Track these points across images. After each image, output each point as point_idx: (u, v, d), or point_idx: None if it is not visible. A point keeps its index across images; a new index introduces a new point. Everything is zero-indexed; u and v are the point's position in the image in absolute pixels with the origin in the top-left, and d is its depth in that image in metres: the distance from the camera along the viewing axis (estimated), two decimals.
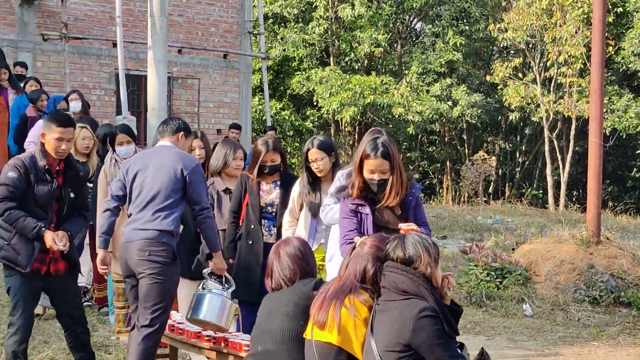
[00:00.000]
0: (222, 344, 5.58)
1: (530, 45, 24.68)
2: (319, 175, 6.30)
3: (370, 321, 4.07)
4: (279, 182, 6.73)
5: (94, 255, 8.36)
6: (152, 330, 5.78)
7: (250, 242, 6.60)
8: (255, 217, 6.62)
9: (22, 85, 11.87)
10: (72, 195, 5.98)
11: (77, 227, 6.07)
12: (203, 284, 6.19)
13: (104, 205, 6.18)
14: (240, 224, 6.71)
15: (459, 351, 4.04)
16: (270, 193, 6.70)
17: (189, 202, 6.01)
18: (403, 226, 4.87)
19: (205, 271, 6.38)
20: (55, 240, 5.76)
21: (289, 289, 4.61)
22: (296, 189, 6.42)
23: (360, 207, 5.11)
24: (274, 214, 6.69)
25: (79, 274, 6.46)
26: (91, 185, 7.92)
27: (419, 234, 4.24)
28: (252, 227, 6.61)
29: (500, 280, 10.01)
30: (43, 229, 5.77)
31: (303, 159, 6.42)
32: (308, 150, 6.32)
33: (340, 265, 4.45)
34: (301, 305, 4.44)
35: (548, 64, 23.51)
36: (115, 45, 15.11)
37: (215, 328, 5.77)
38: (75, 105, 10.67)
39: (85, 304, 8.57)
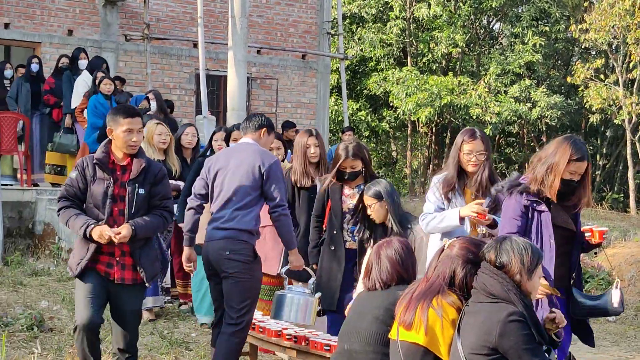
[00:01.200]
0: (303, 343, 5.60)
1: (613, 47, 24.16)
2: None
3: (458, 322, 4.03)
4: (362, 186, 6.41)
5: (175, 252, 8.48)
6: (239, 328, 5.89)
7: (333, 248, 6.47)
8: (337, 222, 6.48)
9: (96, 84, 12.05)
10: (141, 192, 5.52)
11: (145, 225, 5.49)
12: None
13: (188, 204, 6.27)
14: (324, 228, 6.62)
15: (547, 356, 3.98)
16: (353, 198, 6.49)
17: (265, 198, 6.05)
18: (595, 228, 5.05)
19: (283, 270, 6.42)
20: (103, 232, 5.34)
21: (383, 292, 4.59)
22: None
23: (536, 205, 4.97)
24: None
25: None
26: (174, 182, 8.04)
27: (522, 239, 4.13)
28: (335, 232, 6.48)
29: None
30: (92, 226, 5.38)
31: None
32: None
33: (428, 266, 4.41)
34: (392, 310, 4.41)
35: (631, 65, 22.97)
36: (195, 45, 15.32)
37: (301, 326, 5.84)
38: (152, 105, 10.88)
39: (166, 303, 8.70)
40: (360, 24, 26.33)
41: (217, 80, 16.96)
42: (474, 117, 24.12)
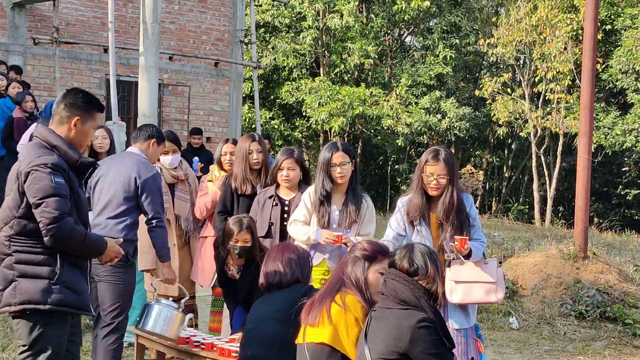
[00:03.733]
0: (212, 349, 5.61)
1: (520, 61, 24.79)
2: (339, 181, 6.01)
3: (365, 328, 4.09)
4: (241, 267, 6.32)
5: None
6: (111, 329, 6.00)
7: None
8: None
9: (4, 87, 11.84)
10: None
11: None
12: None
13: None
14: None
15: None
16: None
17: (141, 210, 6.07)
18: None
19: (153, 281, 6.43)
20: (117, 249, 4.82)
21: (279, 294, 4.65)
22: (307, 197, 6.11)
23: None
24: None
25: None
26: None
27: (428, 246, 4.27)
28: None
29: None
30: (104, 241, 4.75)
31: (323, 165, 6.01)
32: (332, 154, 6.00)
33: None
34: (291, 310, 4.48)
35: (536, 79, 23.61)
36: (106, 50, 15.09)
37: (163, 338, 5.81)
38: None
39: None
40: (274, 33, 26.38)
41: (127, 86, 16.75)
42: (386, 128, 24.41)
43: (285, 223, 6.36)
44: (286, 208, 6.47)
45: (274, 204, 6.49)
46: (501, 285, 5.49)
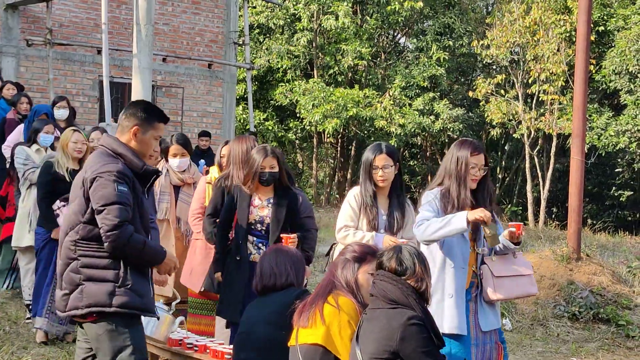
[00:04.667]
0: (205, 351, 5.60)
1: (513, 62, 24.83)
2: (381, 185, 5.81)
3: (357, 330, 4.09)
4: (272, 200, 6.31)
5: None
6: None
7: (238, 258, 6.26)
8: (242, 232, 6.27)
9: None
10: None
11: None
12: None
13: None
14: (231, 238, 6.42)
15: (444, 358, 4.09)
16: (262, 210, 6.31)
17: None
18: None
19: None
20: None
21: (273, 296, 4.65)
22: (352, 200, 5.86)
23: None
24: (263, 231, 6.32)
25: None
26: None
27: (416, 248, 4.28)
28: (240, 242, 6.28)
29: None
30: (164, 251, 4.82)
31: (366, 166, 5.83)
32: (375, 156, 5.79)
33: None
34: (284, 313, 4.47)
35: (530, 81, 23.65)
36: (99, 52, 15.08)
37: (152, 340, 5.78)
38: (62, 113, 10.18)
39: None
40: (268, 34, 26.39)
41: (121, 88, 16.73)
42: (379, 129, 24.43)
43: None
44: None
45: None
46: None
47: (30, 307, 8.01)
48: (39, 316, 7.57)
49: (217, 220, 6.61)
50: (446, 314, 5.07)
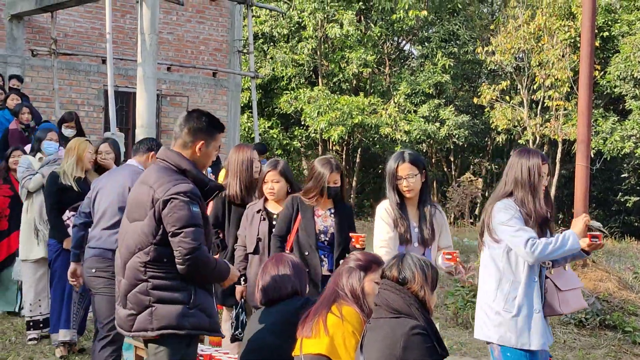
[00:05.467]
0: None
1: (518, 69, 24.83)
2: (407, 195, 5.53)
3: (361, 340, 4.08)
4: (333, 210, 6.19)
5: None
6: (107, 341, 6.02)
7: (307, 270, 5.86)
8: (310, 242, 6.07)
9: (2, 100, 11.84)
10: None
11: None
12: None
13: (73, 221, 6.40)
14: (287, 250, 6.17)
15: None
16: (325, 220, 6.17)
17: None
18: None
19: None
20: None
21: (277, 306, 4.63)
22: (384, 214, 5.57)
23: None
24: (326, 242, 6.14)
25: None
26: None
27: (421, 256, 4.23)
28: (307, 253, 6.06)
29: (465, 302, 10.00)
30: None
31: (390, 176, 5.58)
32: (398, 165, 5.53)
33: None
34: (288, 322, 4.46)
35: (535, 87, 23.64)
36: (104, 61, 15.11)
37: None
38: (69, 133, 9.88)
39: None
40: (272, 43, 26.43)
41: (126, 97, 16.77)
42: (384, 136, 24.43)
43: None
44: (274, 222, 6.32)
45: (262, 218, 6.35)
46: None
47: (32, 323, 7.98)
48: (63, 329, 7.50)
49: (218, 230, 6.65)
50: (534, 329, 4.94)
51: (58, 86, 15.56)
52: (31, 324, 7.98)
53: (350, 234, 5.88)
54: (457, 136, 24.96)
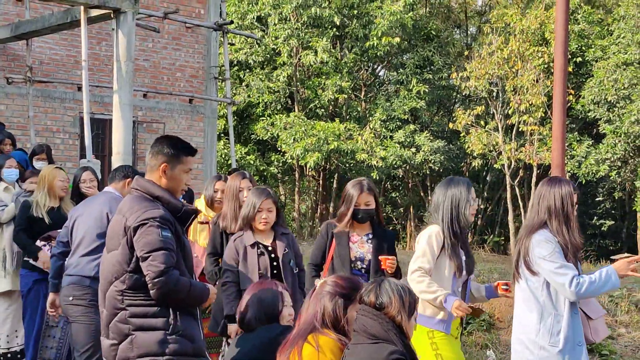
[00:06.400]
0: None
1: (492, 94, 25.03)
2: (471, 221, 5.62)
3: None
4: (370, 236, 6.10)
5: None
6: None
7: None
8: (345, 269, 5.92)
9: None
10: None
11: None
12: None
13: (52, 251, 6.42)
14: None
15: None
16: (361, 246, 6.08)
17: None
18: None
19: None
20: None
21: (255, 333, 4.60)
22: (434, 240, 5.47)
23: None
24: (363, 270, 6.03)
25: None
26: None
27: (399, 281, 4.20)
28: None
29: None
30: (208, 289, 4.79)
31: (454, 204, 5.59)
32: (469, 191, 5.66)
33: (302, 308, 4.40)
34: (265, 350, 4.42)
35: (509, 112, 23.82)
36: (80, 88, 15.07)
37: None
38: (40, 165, 9.75)
39: None
40: (248, 70, 26.49)
41: (102, 124, 16.71)
42: (361, 162, 24.50)
43: (274, 271, 6.01)
44: (273, 255, 6.09)
45: (259, 252, 6.07)
46: None
47: (9, 355, 7.89)
48: None
49: (218, 259, 6.55)
50: None
51: (33, 114, 15.48)
52: (9, 355, 7.86)
53: (380, 257, 5.84)
54: (432, 161, 25.06)
